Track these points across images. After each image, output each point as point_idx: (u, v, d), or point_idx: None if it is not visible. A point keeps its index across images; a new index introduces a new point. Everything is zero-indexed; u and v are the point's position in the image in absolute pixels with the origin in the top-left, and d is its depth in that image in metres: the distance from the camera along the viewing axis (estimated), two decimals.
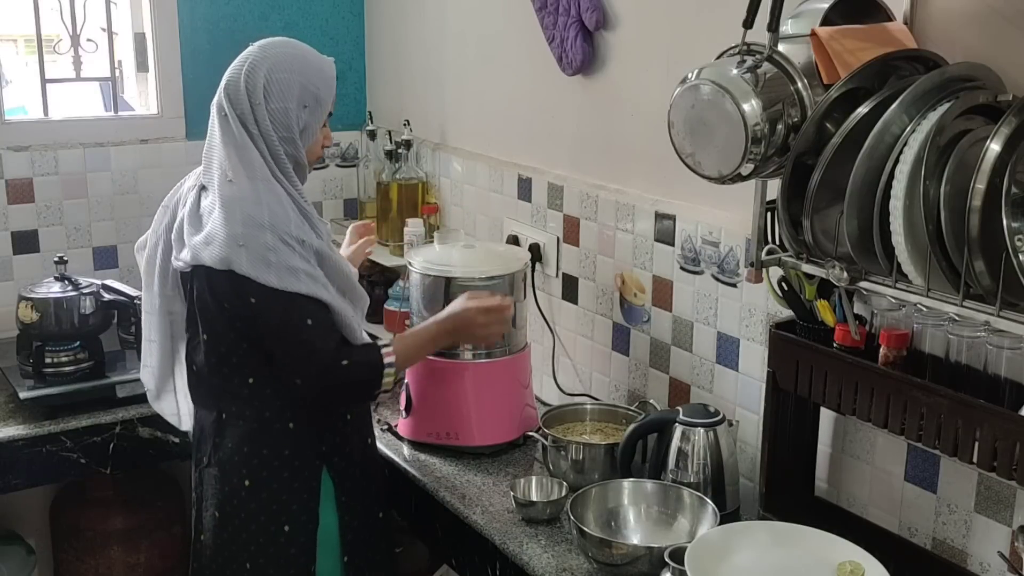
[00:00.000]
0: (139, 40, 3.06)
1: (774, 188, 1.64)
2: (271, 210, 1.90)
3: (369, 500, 2.15)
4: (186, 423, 2.21)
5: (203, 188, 1.99)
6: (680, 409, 2.01)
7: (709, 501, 1.90)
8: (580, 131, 2.51)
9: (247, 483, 2.01)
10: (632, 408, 2.31)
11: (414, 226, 2.81)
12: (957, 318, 1.51)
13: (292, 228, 1.92)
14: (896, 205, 1.42)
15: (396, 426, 2.42)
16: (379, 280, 3.00)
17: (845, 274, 1.53)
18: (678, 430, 1.99)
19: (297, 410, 2.01)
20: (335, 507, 2.07)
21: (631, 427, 2.06)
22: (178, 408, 2.23)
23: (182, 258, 1.97)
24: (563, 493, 2.07)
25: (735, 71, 1.58)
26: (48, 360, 2.58)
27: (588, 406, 2.35)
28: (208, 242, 1.91)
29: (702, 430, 1.97)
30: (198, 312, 2.00)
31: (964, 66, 1.52)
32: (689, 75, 1.62)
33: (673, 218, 2.24)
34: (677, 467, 1.99)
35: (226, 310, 1.94)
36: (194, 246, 1.93)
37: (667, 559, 1.70)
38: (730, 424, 2.01)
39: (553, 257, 2.61)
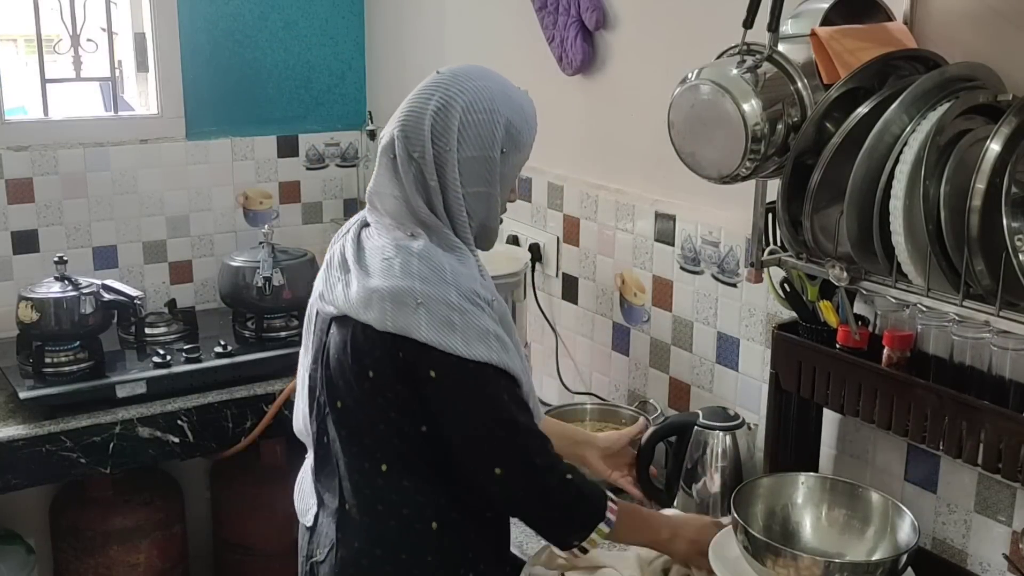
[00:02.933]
0: (139, 40, 3.06)
1: (774, 188, 1.63)
2: (454, 268, 1.56)
3: None
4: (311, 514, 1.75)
5: (367, 225, 1.67)
6: (700, 412, 2.01)
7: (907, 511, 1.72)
8: (580, 131, 2.51)
9: None
10: (633, 408, 2.32)
11: None
12: (960, 319, 1.51)
13: (479, 287, 1.58)
14: (896, 205, 1.42)
15: None
16: None
17: (845, 274, 1.52)
18: (697, 433, 1.98)
19: (441, 508, 1.63)
20: None
21: (651, 430, 2.04)
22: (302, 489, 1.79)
23: (334, 302, 1.61)
24: None
25: (735, 71, 1.58)
26: (48, 360, 2.58)
27: (588, 406, 2.35)
28: (370, 295, 1.54)
29: (722, 433, 1.97)
30: (333, 374, 1.61)
31: (964, 66, 1.52)
32: (689, 75, 1.62)
33: (673, 218, 2.24)
34: (696, 471, 1.98)
35: (371, 379, 1.56)
36: (353, 294, 1.57)
37: None
38: (749, 428, 2.01)
39: (553, 257, 2.61)
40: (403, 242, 1.58)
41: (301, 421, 1.77)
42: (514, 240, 2.70)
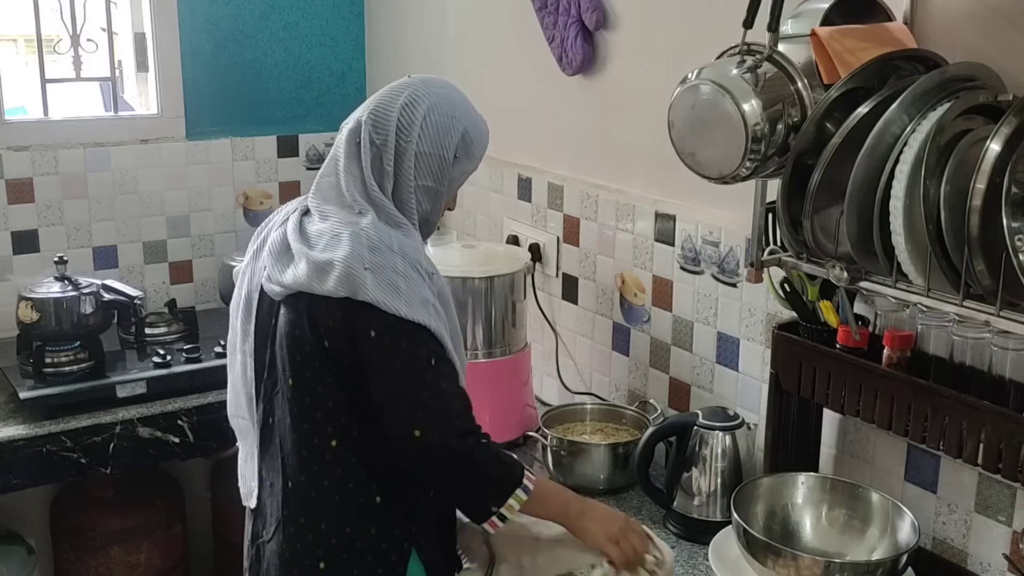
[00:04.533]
0: (139, 40, 3.06)
1: (774, 188, 1.63)
2: (400, 240, 1.66)
3: None
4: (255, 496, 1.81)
5: (307, 212, 1.74)
6: (699, 412, 2.01)
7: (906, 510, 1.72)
8: (580, 131, 2.50)
9: (322, 566, 1.67)
10: (633, 408, 2.32)
11: None
12: (960, 319, 1.51)
13: (423, 259, 1.68)
14: (896, 205, 1.42)
15: None
16: None
17: (845, 274, 1.52)
18: (697, 433, 1.98)
19: (385, 482, 1.68)
20: None
21: (650, 430, 2.03)
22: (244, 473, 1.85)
23: (282, 281, 1.66)
24: None
25: (735, 71, 1.58)
26: (48, 360, 2.58)
27: (588, 406, 2.36)
28: (324, 267, 1.61)
29: (721, 433, 1.97)
30: (286, 352, 1.67)
31: (964, 66, 1.52)
32: (689, 75, 1.62)
33: (673, 218, 2.24)
34: (696, 471, 1.98)
35: (326, 349, 1.62)
36: (302, 270, 1.63)
37: None
38: (748, 428, 2.01)
39: (553, 257, 2.61)
40: (351, 218, 1.66)
41: (239, 408, 1.82)
42: (514, 240, 2.70)
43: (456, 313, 1.76)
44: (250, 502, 1.80)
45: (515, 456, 1.71)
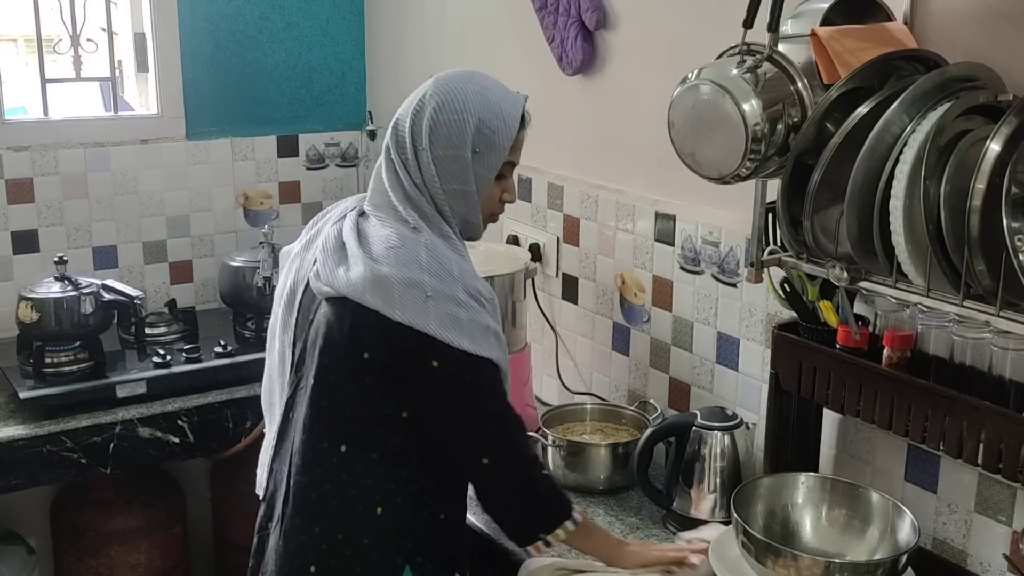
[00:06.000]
0: (139, 40, 3.06)
1: (774, 188, 1.63)
2: (459, 264, 1.64)
3: None
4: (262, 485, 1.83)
5: (364, 214, 1.72)
6: (697, 412, 2.01)
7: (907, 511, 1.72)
8: (580, 131, 2.50)
9: (312, 569, 1.65)
10: (633, 408, 2.32)
11: None
12: (960, 319, 1.51)
13: (480, 284, 1.65)
14: (896, 205, 1.41)
15: None
16: None
17: (845, 274, 1.52)
18: (696, 434, 1.98)
19: (389, 493, 1.66)
20: None
21: (649, 431, 2.04)
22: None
23: (333, 284, 1.63)
24: None
25: (735, 71, 1.58)
26: (48, 360, 2.58)
27: (588, 406, 2.36)
28: (381, 282, 1.58)
29: (720, 433, 1.97)
30: (316, 352, 1.65)
31: (964, 66, 1.52)
32: (689, 75, 1.62)
33: (673, 218, 2.24)
34: (695, 471, 1.98)
35: (364, 360, 1.60)
36: (357, 277, 1.60)
37: None
38: (747, 427, 2.01)
39: (553, 257, 2.61)
40: (407, 232, 1.64)
41: (271, 395, 1.82)
42: (514, 240, 2.70)
43: None
44: (259, 490, 1.82)
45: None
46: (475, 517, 1.97)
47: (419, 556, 1.69)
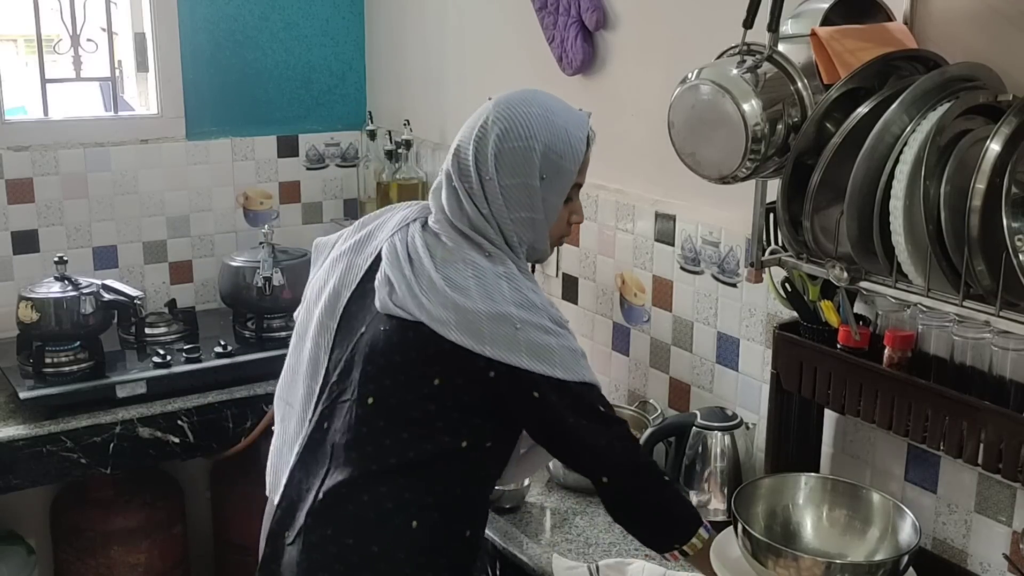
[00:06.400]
0: (139, 40, 3.06)
1: (774, 188, 1.63)
2: (538, 293, 1.61)
3: None
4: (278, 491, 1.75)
5: (426, 226, 1.67)
6: (697, 412, 2.01)
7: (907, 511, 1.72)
8: None
9: None
10: (633, 408, 2.32)
11: None
12: (960, 319, 1.51)
13: (558, 312, 1.63)
14: (896, 205, 1.41)
15: None
16: None
17: (845, 274, 1.52)
18: (696, 434, 1.98)
19: (426, 508, 1.61)
20: None
21: (649, 431, 2.04)
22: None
23: (403, 305, 1.59)
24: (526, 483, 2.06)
25: (735, 71, 1.58)
26: (48, 360, 2.58)
27: None
28: (465, 314, 1.55)
29: (720, 434, 1.96)
30: (373, 371, 1.60)
31: (964, 66, 1.52)
32: (689, 75, 1.62)
33: (673, 218, 2.24)
34: (695, 471, 1.97)
35: (435, 386, 1.57)
36: (436, 306, 1.56)
37: None
38: (747, 428, 2.01)
39: (553, 257, 2.60)
40: (484, 263, 1.61)
41: (292, 394, 1.76)
42: None
43: None
44: (274, 495, 1.74)
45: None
46: (491, 530, 1.98)
47: (446, 572, 1.66)
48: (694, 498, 1.98)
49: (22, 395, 2.48)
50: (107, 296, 2.63)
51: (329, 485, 1.63)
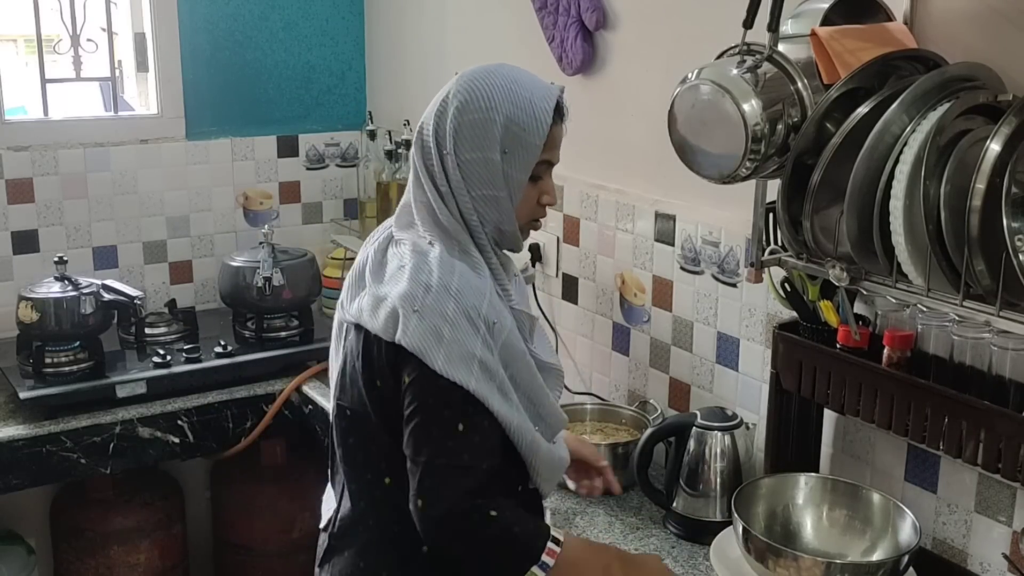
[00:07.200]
0: (139, 40, 3.06)
1: (774, 188, 1.63)
2: (463, 280, 1.50)
3: None
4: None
5: (393, 238, 1.62)
6: (697, 412, 2.01)
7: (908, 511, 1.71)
8: (580, 131, 2.49)
9: None
10: (633, 408, 2.32)
11: None
12: (960, 319, 1.51)
13: (484, 305, 1.50)
14: (896, 205, 1.42)
15: None
16: None
17: (845, 274, 1.52)
18: (696, 434, 1.98)
19: None
20: None
21: (649, 431, 2.03)
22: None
23: (349, 311, 1.59)
24: None
25: (735, 71, 1.58)
26: (48, 360, 2.58)
27: (588, 406, 2.35)
28: (377, 303, 1.51)
29: (720, 434, 1.97)
30: (346, 381, 1.59)
31: (964, 66, 1.52)
32: (689, 75, 1.62)
33: (673, 218, 2.24)
34: (695, 471, 1.98)
35: (378, 388, 1.52)
36: (366, 302, 1.54)
37: None
38: (747, 427, 2.01)
39: (553, 257, 2.61)
40: (420, 247, 1.54)
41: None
42: None
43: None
44: (321, 523, 1.71)
45: (541, 526, 1.54)
46: None
47: None
48: (694, 499, 1.98)
49: (22, 395, 2.48)
50: (107, 296, 2.63)
51: (344, 506, 1.63)
